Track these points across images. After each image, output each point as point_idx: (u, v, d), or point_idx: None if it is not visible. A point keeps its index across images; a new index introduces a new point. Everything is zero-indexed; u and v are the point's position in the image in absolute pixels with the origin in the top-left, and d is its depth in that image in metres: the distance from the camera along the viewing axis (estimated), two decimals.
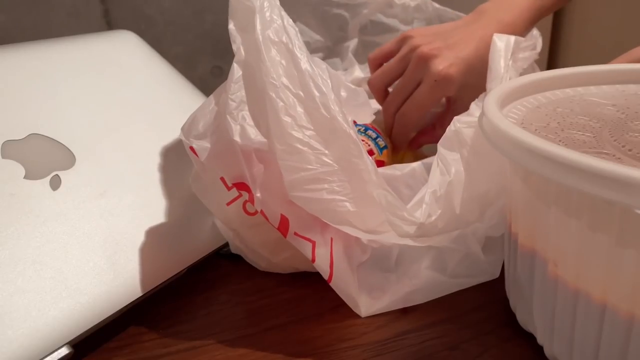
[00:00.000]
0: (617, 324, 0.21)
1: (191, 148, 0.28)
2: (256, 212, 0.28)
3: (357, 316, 0.29)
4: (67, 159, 0.30)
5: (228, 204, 0.30)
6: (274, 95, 0.25)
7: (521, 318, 0.27)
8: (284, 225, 0.27)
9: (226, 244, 0.34)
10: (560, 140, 0.23)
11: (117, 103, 0.35)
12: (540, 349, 0.26)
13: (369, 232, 0.27)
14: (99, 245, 0.28)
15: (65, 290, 0.26)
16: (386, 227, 0.27)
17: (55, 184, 0.29)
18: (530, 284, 0.25)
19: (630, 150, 0.22)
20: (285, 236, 0.27)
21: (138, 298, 0.28)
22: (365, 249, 0.30)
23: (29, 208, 0.27)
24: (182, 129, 0.28)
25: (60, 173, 0.29)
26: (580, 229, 0.21)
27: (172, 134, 0.36)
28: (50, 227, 0.27)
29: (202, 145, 0.27)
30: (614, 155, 0.22)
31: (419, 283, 0.30)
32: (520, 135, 0.21)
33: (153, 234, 0.30)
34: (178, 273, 0.30)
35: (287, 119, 0.25)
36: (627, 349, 0.21)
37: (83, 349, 0.27)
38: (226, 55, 0.81)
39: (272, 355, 0.27)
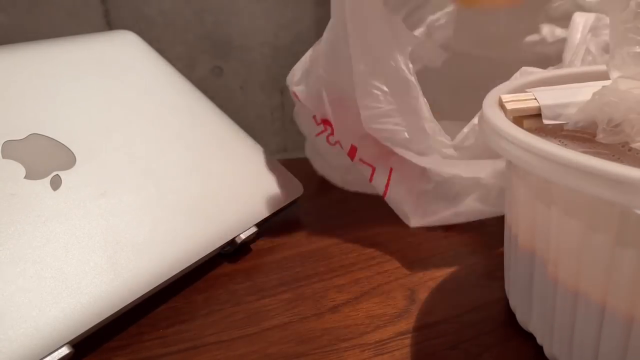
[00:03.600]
0: (617, 325, 0.21)
1: (293, 92, 0.39)
2: (336, 143, 0.39)
3: (357, 316, 0.29)
4: (68, 159, 0.30)
5: (317, 135, 0.42)
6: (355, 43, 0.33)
7: (521, 318, 0.27)
8: (352, 153, 0.38)
9: (227, 244, 0.34)
10: (560, 140, 0.23)
11: (118, 103, 0.35)
12: (540, 349, 0.26)
13: (419, 154, 0.35)
14: (99, 245, 0.28)
15: (65, 290, 0.26)
16: (432, 151, 0.34)
17: (56, 183, 0.29)
18: (530, 285, 0.25)
19: (629, 150, 0.22)
20: (352, 160, 0.38)
21: (138, 298, 0.28)
22: (429, 180, 0.37)
23: (30, 208, 0.27)
24: (288, 78, 0.39)
25: (60, 173, 0.29)
26: (580, 229, 0.21)
27: (173, 133, 0.36)
28: (51, 227, 0.27)
29: (300, 90, 0.38)
30: (613, 155, 0.22)
31: (465, 210, 0.38)
32: (519, 134, 0.21)
33: (153, 234, 0.30)
34: (178, 273, 0.30)
35: (362, 67, 0.33)
36: (627, 350, 0.21)
37: (83, 349, 0.27)
38: (226, 55, 0.81)
39: (272, 355, 0.27)
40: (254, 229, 0.35)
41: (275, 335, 0.28)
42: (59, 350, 0.24)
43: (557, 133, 0.24)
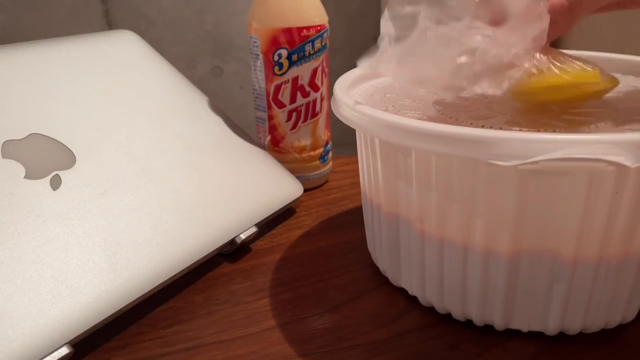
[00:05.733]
0: (478, 261, 0.25)
1: None
2: None
3: (357, 316, 0.29)
4: (68, 158, 0.30)
5: None
6: None
7: (392, 277, 0.31)
8: None
9: (227, 244, 0.34)
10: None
11: (118, 103, 0.35)
12: (542, 346, 0.26)
13: None
14: (99, 245, 0.28)
15: (65, 289, 0.26)
16: None
17: (56, 183, 0.29)
18: (397, 244, 0.29)
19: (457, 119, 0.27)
20: None
21: (138, 298, 0.28)
22: None
23: (29, 208, 0.27)
24: None
25: (60, 173, 0.29)
26: (438, 196, 0.25)
27: (173, 133, 0.36)
28: (51, 226, 0.27)
29: None
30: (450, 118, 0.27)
31: None
32: (371, 111, 0.25)
33: (153, 233, 0.30)
34: (178, 273, 0.30)
35: None
36: (487, 282, 0.25)
37: (83, 349, 0.27)
38: (226, 55, 0.81)
39: (272, 355, 0.27)
40: (254, 229, 0.35)
41: (275, 335, 0.28)
42: (59, 350, 0.24)
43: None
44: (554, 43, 0.27)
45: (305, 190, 0.43)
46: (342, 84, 0.31)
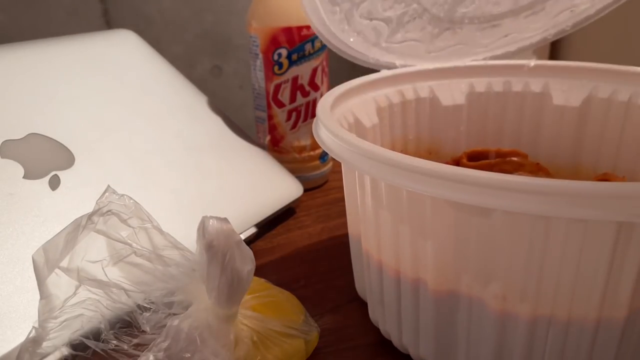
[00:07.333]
0: (428, 296, 0.23)
1: None
2: None
3: (357, 316, 0.29)
4: (67, 158, 0.30)
5: None
6: None
7: (359, 292, 0.30)
8: None
9: None
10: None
11: (117, 102, 0.35)
12: None
13: None
14: None
15: None
16: None
17: (55, 183, 0.28)
18: (369, 276, 0.27)
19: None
20: None
21: None
22: None
23: (28, 208, 0.27)
24: None
25: (59, 173, 0.29)
26: (386, 218, 0.23)
27: (172, 133, 0.36)
28: (50, 227, 0.27)
29: None
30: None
31: None
32: (339, 132, 0.23)
33: None
34: None
35: None
36: (437, 318, 0.23)
37: (82, 349, 0.27)
38: (226, 55, 0.81)
39: None
40: (253, 230, 0.35)
41: None
42: (55, 353, 0.24)
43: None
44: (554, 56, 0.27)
45: (305, 190, 0.42)
46: (324, 113, 0.26)
